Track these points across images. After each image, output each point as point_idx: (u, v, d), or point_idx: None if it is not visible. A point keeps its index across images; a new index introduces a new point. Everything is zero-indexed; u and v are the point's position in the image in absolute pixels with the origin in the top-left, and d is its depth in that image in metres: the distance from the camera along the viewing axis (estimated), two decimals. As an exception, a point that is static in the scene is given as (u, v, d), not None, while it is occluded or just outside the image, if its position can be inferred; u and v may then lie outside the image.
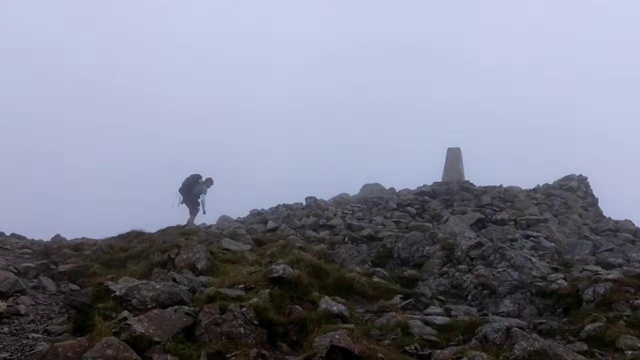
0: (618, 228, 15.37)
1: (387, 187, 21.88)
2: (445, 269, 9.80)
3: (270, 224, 15.38)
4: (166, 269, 8.45)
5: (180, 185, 14.90)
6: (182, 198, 14.84)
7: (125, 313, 5.66)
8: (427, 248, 10.92)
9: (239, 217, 19.00)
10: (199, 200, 14.87)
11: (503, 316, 7.16)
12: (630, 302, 6.67)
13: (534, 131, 72.51)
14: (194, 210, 15.01)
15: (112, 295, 6.44)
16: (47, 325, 6.61)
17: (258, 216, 17.81)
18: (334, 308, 6.73)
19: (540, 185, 19.62)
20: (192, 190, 14.87)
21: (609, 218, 17.09)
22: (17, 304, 7.22)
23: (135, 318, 5.54)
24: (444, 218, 15.15)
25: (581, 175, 19.53)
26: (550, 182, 19.73)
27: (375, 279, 8.97)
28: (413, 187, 20.33)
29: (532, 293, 7.78)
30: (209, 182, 15.14)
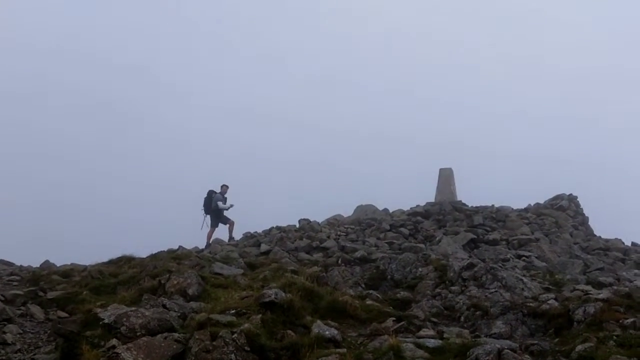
0: (608, 247, 15.45)
1: (380, 208, 21.88)
2: (438, 290, 9.80)
3: (263, 247, 15.31)
4: (157, 294, 8.40)
5: (203, 207, 16.69)
6: (208, 218, 16.63)
7: (114, 341, 5.64)
8: (420, 269, 10.92)
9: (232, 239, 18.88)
10: (220, 207, 16.52)
11: (495, 337, 7.16)
12: (620, 321, 6.70)
13: (524, 148, 72.39)
14: (226, 221, 16.73)
15: (100, 322, 6.38)
16: (34, 355, 6.53)
17: (251, 239, 17.73)
18: (327, 332, 6.73)
19: (531, 204, 19.77)
20: (211, 204, 16.56)
21: (599, 237, 17.21)
22: (4, 332, 7.14)
23: (124, 346, 5.51)
24: (437, 239, 15.19)
25: (571, 194, 19.72)
26: (541, 202, 19.88)
27: (369, 302, 8.92)
28: (406, 207, 20.38)
29: (524, 314, 7.80)
30: (224, 188, 16.99)
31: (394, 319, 7.85)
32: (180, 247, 14.53)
